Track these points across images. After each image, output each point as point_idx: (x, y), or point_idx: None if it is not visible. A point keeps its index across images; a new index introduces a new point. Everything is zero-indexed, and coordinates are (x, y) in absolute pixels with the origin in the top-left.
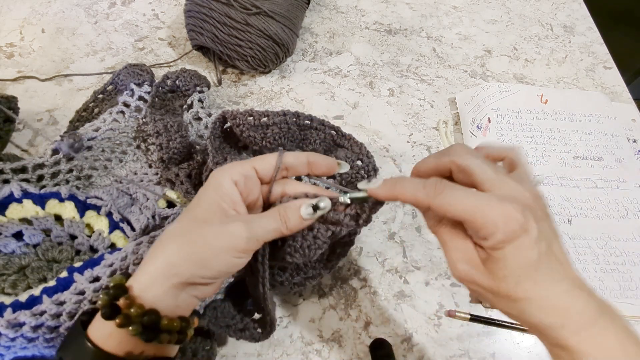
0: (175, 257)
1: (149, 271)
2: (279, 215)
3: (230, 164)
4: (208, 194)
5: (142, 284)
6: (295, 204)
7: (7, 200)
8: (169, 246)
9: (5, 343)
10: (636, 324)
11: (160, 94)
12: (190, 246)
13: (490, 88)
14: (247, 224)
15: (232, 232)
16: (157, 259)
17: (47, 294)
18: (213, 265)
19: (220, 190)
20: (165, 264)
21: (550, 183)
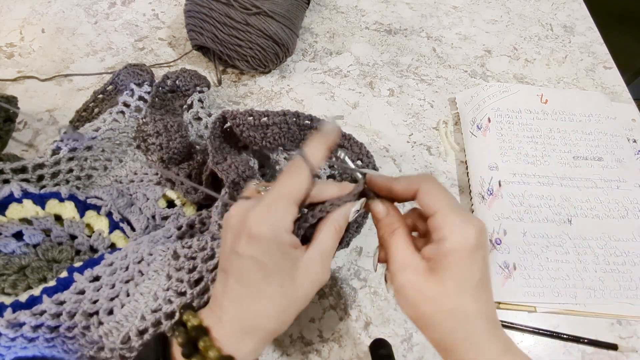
0: (279, 327)
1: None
2: (334, 230)
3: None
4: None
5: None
6: (345, 214)
7: (7, 200)
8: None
9: (5, 343)
10: (636, 324)
11: (160, 94)
12: (290, 313)
13: (490, 88)
14: (322, 261)
15: (319, 280)
16: (258, 333)
17: (47, 293)
18: (301, 310)
19: (284, 247)
20: (268, 337)
21: (550, 183)
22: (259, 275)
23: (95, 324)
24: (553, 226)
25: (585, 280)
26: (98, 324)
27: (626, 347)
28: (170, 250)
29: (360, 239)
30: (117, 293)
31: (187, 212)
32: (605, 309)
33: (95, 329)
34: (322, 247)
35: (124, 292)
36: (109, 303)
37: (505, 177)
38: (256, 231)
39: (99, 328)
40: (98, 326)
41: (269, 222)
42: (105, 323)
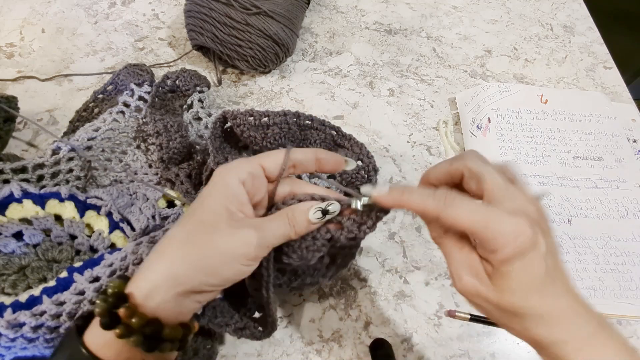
0: (181, 265)
1: (151, 279)
2: (287, 218)
3: (236, 161)
4: (213, 194)
5: (143, 291)
6: (304, 207)
7: (7, 200)
8: (173, 253)
9: (5, 343)
10: (636, 324)
11: (160, 94)
12: (197, 254)
13: (490, 88)
14: (257, 230)
15: (242, 240)
16: (160, 265)
17: (47, 294)
18: (221, 273)
19: (227, 191)
20: (169, 272)
21: (550, 183)
22: (192, 208)
23: None
24: (553, 226)
25: (585, 280)
26: None
27: None
28: None
29: None
30: None
31: None
32: (605, 309)
33: None
34: (265, 225)
35: None
36: None
37: None
38: (215, 178)
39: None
40: None
41: (228, 171)
42: None
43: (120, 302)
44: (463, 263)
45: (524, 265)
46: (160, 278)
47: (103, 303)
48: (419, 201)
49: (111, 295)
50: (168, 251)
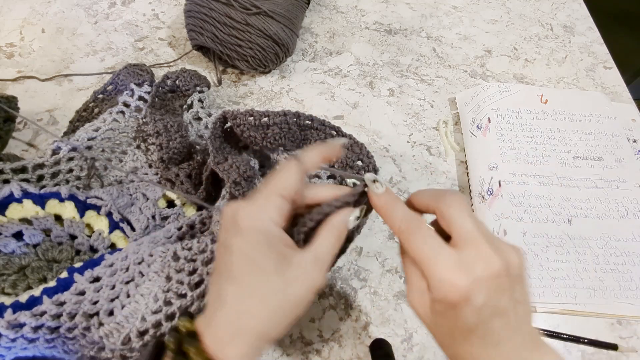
0: (270, 329)
1: (238, 345)
2: (334, 235)
3: (257, 203)
4: (259, 249)
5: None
6: (344, 219)
7: (7, 200)
8: (259, 321)
9: (5, 344)
10: (636, 324)
11: (160, 94)
12: (282, 314)
13: (490, 88)
14: (317, 264)
15: (312, 283)
16: (248, 336)
17: (47, 294)
18: (299, 314)
19: (270, 238)
20: (259, 340)
21: (550, 183)
22: (247, 270)
23: (96, 325)
24: (553, 226)
25: (585, 280)
26: (98, 325)
27: (626, 347)
28: (170, 252)
29: (360, 239)
30: (117, 294)
31: (187, 213)
32: (605, 309)
33: (95, 329)
34: (319, 250)
35: (125, 293)
36: (109, 304)
37: (505, 177)
38: (244, 224)
39: (99, 329)
40: (98, 327)
41: (257, 215)
42: (105, 324)
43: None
44: (415, 285)
45: (453, 313)
46: (250, 344)
47: (176, 340)
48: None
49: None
50: (249, 317)
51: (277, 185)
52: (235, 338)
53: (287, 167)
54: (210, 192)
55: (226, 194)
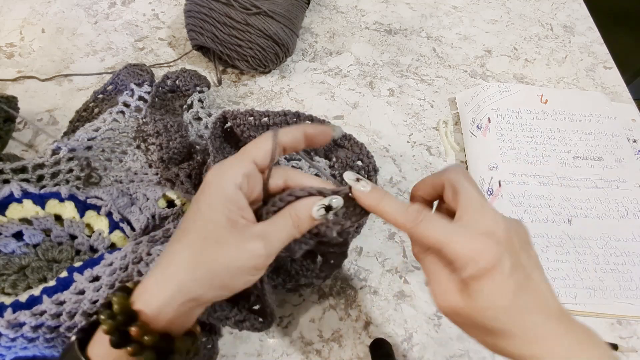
0: (192, 282)
1: (161, 296)
2: (291, 219)
3: (227, 162)
4: (212, 204)
5: (153, 308)
6: (307, 205)
7: (7, 200)
8: (181, 269)
9: (5, 343)
10: (636, 324)
11: (160, 94)
12: (207, 271)
13: (490, 88)
14: (264, 239)
15: (251, 253)
16: (170, 282)
17: (47, 294)
18: (231, 285)
19: (226, 199)
20: (180, 289)
21: (550, 183)
22: (192, 218)
23: None
24: (553, 226)
25: (585, 280)
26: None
27: (626, 347)
28: None
29: (360, 239)
30: None
31: None
32: (605, 309)
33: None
34: (269, 225)
35: None
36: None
37: (505, 177)
38: (209, 180)
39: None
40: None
41: (222, 173)
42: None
43: (130, 319)
44: (442, 281)
45: (490, 284)
46: (170, 294)
47: (111, 321)
48: (392, 212)
49: (119, 313)
50: (175, 267)
51: (251, 152)
52: (155, 286)
53: (265, 137)
54: None
55: None
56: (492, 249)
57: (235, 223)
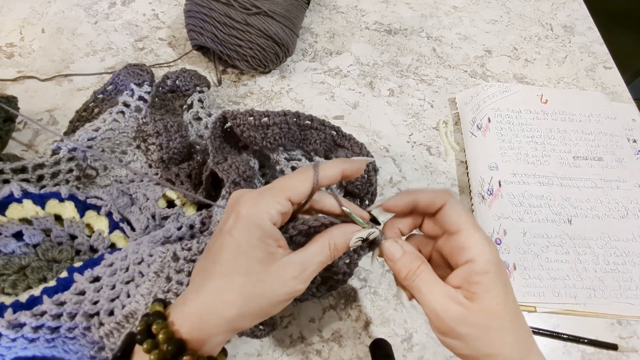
0: (240, 318)
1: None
2: (329, 248)
3: (262, 197)
4: (251, 241)
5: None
6: (346, 235)
7: (7, 200)
8: (231, 307)
9: (6, 344)
10: (636, 324)
11: (160, 94)
12: (255, 306)
13: (490, 88)
14: (302, 270)
15: (292, 285)
16: (219, 318)
17: (48, 294)
18: (271, 314)
19: (263, 234)
20: (229, 325)
21: (550, 183)
22: (231, 254)
23: (96, 324)
24: (553, 226)
25: (585, 280)
26: (99, 324)
27: (626, 347)
28: (170, 252)
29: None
30: (117, 294)
31: (187, 212)
32: (605, 309)
33: (96, 329)
34: (307, 255)
35: (125, 293)
36: (109, 304)
37: (505, 177)
38: (243, 211)
39: (100, 329)
40: (99, 327)
41: (257, 206)
42: (106, 324)
43: (179, 349)
44: (444, 294)
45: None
46: (218, 329)
47: (156, 350)
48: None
49: (165, 342)
50: (224, 305)
51: (288, 186)
52: (203, 319)
53: (304, 173)
54: (210, 192)
55: (226, 194)
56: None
57: (274, 255)
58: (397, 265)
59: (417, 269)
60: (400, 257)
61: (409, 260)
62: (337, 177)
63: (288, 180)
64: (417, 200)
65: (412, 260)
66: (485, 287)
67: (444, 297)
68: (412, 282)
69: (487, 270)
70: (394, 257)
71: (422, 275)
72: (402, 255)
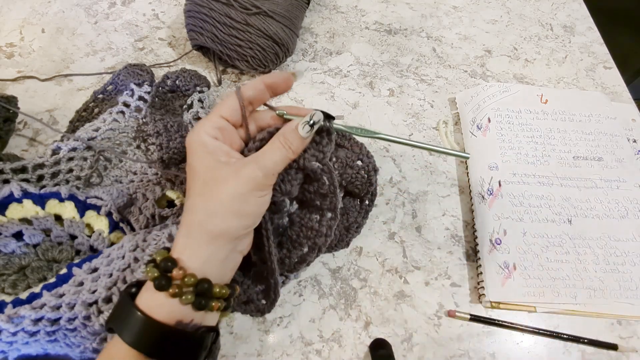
0: (208, 217)
1: (190, 242)
2: (280, 143)
3: (198, 123)
4: (199, 158)
5: (188, 255)
6: (292, 126)
7: (7, 200)
8: (196, 212)
9: (6, 338)
10: (636, 324)
11: (160, 94)
12: (217, 203)
13: (490, 88)
14: (257, 162)
15: (248, 176)
16: (191, 227)
17: (47, 289)
18: (247, 210)
19: (208, 149)
20: (201, 228)
21: (550, 183)
22: (190, 178)
23: (95, 312)
24: (553, 226)
25: (585, 280)
26: (98, 312)
27: (626, 347)
28: (165, 234)
29: (360, 239)
30: (114, 281)
31: None
32: (605, 309)
33: (95, 318)
34: (261, 155)
35: (122, 279)
36: (107, 291)
37: (505, 177)
38: (189, 142)
39: (99, 317)
40: (98, 315)
41: (196, 132)
42: (104, 311)
43: (172, 266)
44: None
45: None
46: (196, 238)
47: (154, 268)
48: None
49: (161, 261)
50: (191, 214)
51: (217, 107)
52: (184, 237)
53: (229, 94)
54: None
55: None
56: None
57: (227, 163)
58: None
59: None
60: None
61: None
62: (261, 89)
63: (217, 105)
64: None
65: None
66: None
67: None
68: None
69: None
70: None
71: None
72: None
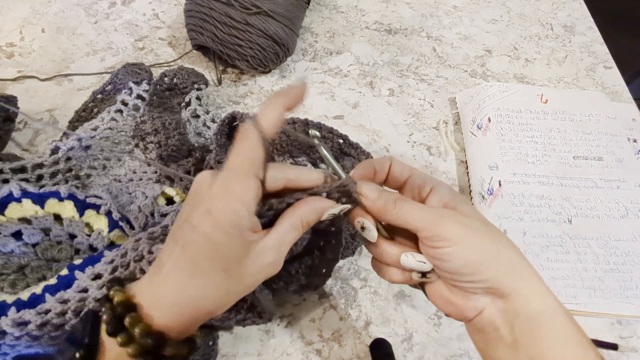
0: (219, 309)
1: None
2: (301, 226)
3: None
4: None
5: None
6: (317, 212)
7: (6, 199)
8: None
9: (10, 342)
10: (636, 324)
11: (158, 92)
12: (234, 297)
13: (491, 88)
14: (278, 253)
15: (268, 271)
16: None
17: (50, 292)
18: (246, 294)
19: (241, 230)
20: (207, 314)
21: (550, 183)
22: (207, 255)
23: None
24: (553, 226)
25: (585, 280)
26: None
27: (626, 347)
28: None
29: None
30: None
31: None
32: (605, 308)
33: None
34: (280, 236)
35: None
36: None
37: (505, 177)
38: (215, 208)
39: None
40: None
41: (231, 202)
42: None
43: (124, 312)
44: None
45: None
46: (197, 319)
47: (110, 311)
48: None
49: (117, 304)
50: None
51: (250, 164)
52: (182, 312)
53: (251, 139)
54: None
55: None
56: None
57: (251, 244)
58: (378, 201)
59: (398, 199)
60: (379, 193)
61: (387, 194)
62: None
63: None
64: (373, 167)
65: (390, 194)
66: (455, 201)
67: (430, 209)
68: (399, 210)
69: (451, 190)
70: (373, 195)
71: (405, 202)
72: (381, 191)
